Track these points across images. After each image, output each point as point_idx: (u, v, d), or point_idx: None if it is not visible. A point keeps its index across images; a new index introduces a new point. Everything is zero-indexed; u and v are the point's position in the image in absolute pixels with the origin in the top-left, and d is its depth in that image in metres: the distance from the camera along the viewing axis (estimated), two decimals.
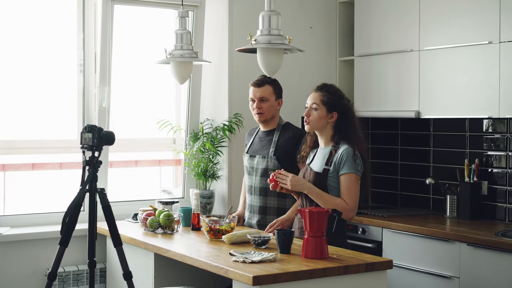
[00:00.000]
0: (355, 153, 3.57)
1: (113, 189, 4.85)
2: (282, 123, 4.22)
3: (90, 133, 3.38)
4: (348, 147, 3.58)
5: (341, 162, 3.56)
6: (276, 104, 4.18)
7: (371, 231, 4.63)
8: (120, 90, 4.98)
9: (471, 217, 4.53)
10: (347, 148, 3.58)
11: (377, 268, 3.26)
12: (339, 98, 3.69)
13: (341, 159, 3.56)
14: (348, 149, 3.57)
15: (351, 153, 3.56)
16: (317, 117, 3.65)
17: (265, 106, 4.14)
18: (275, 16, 3.46)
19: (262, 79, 4.15)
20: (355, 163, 3.55)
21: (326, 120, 3.65)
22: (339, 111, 3.65)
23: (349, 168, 3.55)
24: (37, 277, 4.46)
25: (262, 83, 4.15)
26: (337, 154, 3.59)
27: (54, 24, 4.78)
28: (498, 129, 4.57)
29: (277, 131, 4.18)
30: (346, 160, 3.55)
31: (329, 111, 3.65)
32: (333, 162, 3.58)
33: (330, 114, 3.65)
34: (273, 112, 4.18)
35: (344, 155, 3.56)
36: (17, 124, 4.70)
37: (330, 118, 3.65)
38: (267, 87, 4.14)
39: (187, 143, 5.17)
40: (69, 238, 3.34)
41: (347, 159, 3.55)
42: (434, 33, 4.60)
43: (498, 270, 3.85)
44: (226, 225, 3.85)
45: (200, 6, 5.17)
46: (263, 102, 4.13)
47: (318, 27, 5.42)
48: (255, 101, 4.15)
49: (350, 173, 3.55)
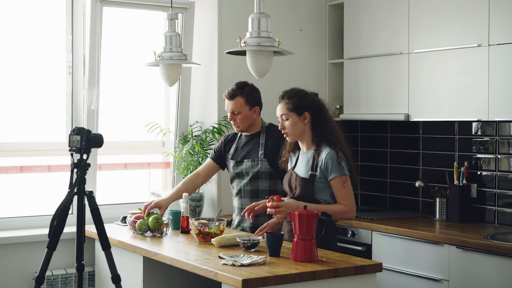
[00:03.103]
0: (339, 155, 3.56)
1: (102, 192, 4.83)
2: (265, 125, 4.18)
3: (78, 136, 3.36)
4: (331, 150, 3.57)
5: (328, 168, 3.55)
6: (252, 113, 4.09)
7: (360, 234, 4.63)
8: (109, 92, 4.96)
9: (460, 220, 4.54)
10: (330, 151, 3.56)
11: (367, 271, 3.26)
12: (301, 98, 3.64)
13: (326, 165, 3.55)
14: (331, 153, 3.56)
15: (334, 156, 3.55)
16: (291, 125, 3.62)
17: (239, 118, 4.08)
18: (265, 19, 3.46)
19: (232, 90, 4.05)
20: (340, 165, 3.55)
21: (301, 124, 3.63)
22: (309, 110, 3.63)
23: (337, 172, 3.54)
24: (25, 280, 4.44)
25: (233, 96, 4.05)
26: (320, 158, 3.57)
27: (42, 26, 4.76)
28: (487, 132, 4.58)
29: (263, 134, 4.14)
30: (331, 165, 3.54)
31: (299, 114, 3.62)
32: (319, 167, 3.58)
33: (302, 116, 3.63)
34: (249, 122, 4.11)
35: (329, 160, 3.55)
36: (5, 126, 4.67)
37: (304, 120, 3.63)
38: (238, 99, 4.05)
39: (176, 145, 5.16)
40: (57, 241, 3.32)
41: (333, 164, 3.54)
42: (424, 36, 4.61)
43: (487, 272, 3.85)
44: (215, 228, 3.83)
45: (190, 9, 5.17)
46: (236, 115, 4.08)
47: (308, 30, 5.43)
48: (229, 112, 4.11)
49: (339, 177, 3.55)
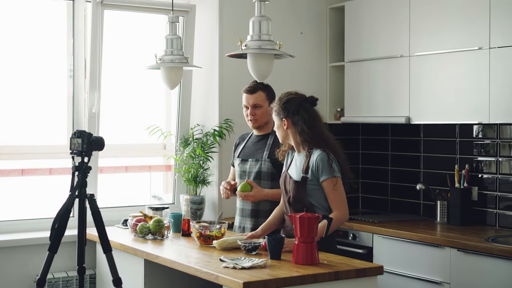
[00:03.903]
0: (330, 157, 3.57)
1: (103, 195, 4.83)
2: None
3: (79, 139, 3.37)
4: (321, 152, 3.58)
5: (319, 170, 3.56)
6: (270, 109, 4.14)
7: (361, 236, 4.63)
8: (110, 95, 4.96)
9: (461, 223, 4.53)
10: (320, 153, 3.57)
11: (368, 274, 3.26)
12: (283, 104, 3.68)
13: (317, 167, 3.56)
14: (321, 155, 3.57)
15: (325, 158, 3.56)
16: (276, 128, 3.76)
17: (259, 112, 4.12)
18: (266, 22, 3.46)
19: (254, 85, 4.11)
20: (331, 167, 3.55)
21: (282, 129, 3.69)
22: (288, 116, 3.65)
23: (328, 174, 3.55)
24: (26, 283, 4.43)
25: (255, 89, 4.11)
26: (311, 160, 3.59)
27: (43, 29, 4.77)
28: (488, 135, 4.58)
29: (272, 135, 4.16)
30: (322, 167, 3.55)
31: (280, 120, 3.70)
32: (310, 169, 3.59)
33: (282, 122, 3.69)
34: (266, 118, 4.14)
35: (319, 162, 3.56)
36: (6, 129, 4.67)
37: (284, 126, 3.68)
38: (260, 93, 4.11)
39: (178, 148, 5.16)
40: (58, 244, 3.32)
41: (323, 165, 3.55)
42: (424, 39, 4.61)
43: (488, 275, 3.85)
44: (216, 231, 3.83)
45: (191, 12, 5.17)
46: (257, 109, 4.11)
47: (309, 33, 5.43)
48: (248, 107, 4.13)
49: (330, 179, 3.55)
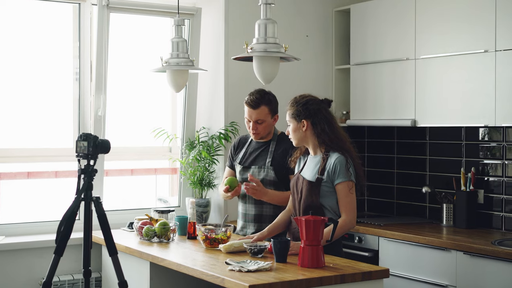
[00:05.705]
0: (348, 161, 3.58)
1: (109, 198, 4.84)
2: (277, 134, 4.18)
3: (85, 142, 3.37)
4: (340, 155, 3.58)
5: (336, 172, 3.56)
6: (273, 121, 4.11)
7: (367, 239, 4.62)
8: (116, 98, 4.97)
9: (467, 226, 4.52)
10: (339, 156, 3.58)
11: (374, 277, 3.26)
12: (303, 105, 3.66)
13: (334, 169, 3.56)
14: (340, 158, 3.57)
15: (344, 161, 3.57)
16: (292, 131, 3.70)
17: (261, 127, 4.07)
18: (271, 24, 3.46)
19: (257, 99, 4.03)
20: (348, 171, 3.56)
21: (300, 130, 3.66)
22: (308, 117, 3.64)
23: (344, 177, 3.55)
24: (32, 286, 4.44)
25: (258, 104, 4.02)
26: (329, 162, 3.59)
27: (50, 33, 4.78)
28: (494, 138, 4.57)
29: (273, 142, 4.14)
30: (340, 169, 3.55)
31: (298, 121, 3.66)
32: (326, 171, 3.58)
33: (301, 123, 3.66)
34: (269, 130, 4.12)
35: (338, 164, 3.56)
36: (13, 132, 4.69)
37: (303, 127, 3.65)
38: (263, 108, 4.04)
39: (183, 151, 5.16)
40: (64, 247, 3.32)
41: (341, 168, 3.55)
42: (430, 42, 4.61)
43: (494, 278, 3.84)
44: (222, 234, 3.83)
45: (196, 15, 5.18)
46: (260, 124, 4.07)
47: (314, 36, 5.43)
48: (251, 121, 4.09)
49: (345, 182, 3.55)
